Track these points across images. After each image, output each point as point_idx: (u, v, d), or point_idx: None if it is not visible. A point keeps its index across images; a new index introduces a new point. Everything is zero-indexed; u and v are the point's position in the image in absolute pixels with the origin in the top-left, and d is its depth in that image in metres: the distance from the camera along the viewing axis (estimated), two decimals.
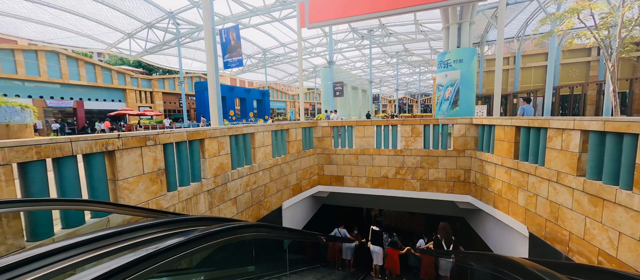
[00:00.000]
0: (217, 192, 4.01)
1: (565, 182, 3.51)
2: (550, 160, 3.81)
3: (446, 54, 8.74)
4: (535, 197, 4.14)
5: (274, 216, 5.67)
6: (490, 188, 5.37)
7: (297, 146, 6.46)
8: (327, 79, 18.03)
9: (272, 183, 5.54)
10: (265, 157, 5.29)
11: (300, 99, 9.19)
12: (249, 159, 4.89)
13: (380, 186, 6.83)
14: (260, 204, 5.17)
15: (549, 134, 3.81)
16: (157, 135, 2.91)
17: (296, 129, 6.37)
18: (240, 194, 4.60)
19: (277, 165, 5.67)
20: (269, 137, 5.39)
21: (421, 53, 33.14)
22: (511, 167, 4.70)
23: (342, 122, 6.96)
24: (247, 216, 4.82)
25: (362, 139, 6.84)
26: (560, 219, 3.64)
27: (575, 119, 3.33)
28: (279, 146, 5.86)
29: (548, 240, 3.89)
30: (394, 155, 6.59)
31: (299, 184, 6.63)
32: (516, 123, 4.51)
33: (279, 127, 5.71)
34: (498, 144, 5.07)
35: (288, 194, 6.18)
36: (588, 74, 18.56)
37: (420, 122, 6.31)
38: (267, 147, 5.35)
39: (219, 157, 4.03)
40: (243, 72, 36.77)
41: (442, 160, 6.23)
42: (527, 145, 4.40)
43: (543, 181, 3.96)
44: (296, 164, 6.45)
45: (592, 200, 3.13)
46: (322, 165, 7.33)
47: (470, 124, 5.92)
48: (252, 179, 4.90)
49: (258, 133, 5.05)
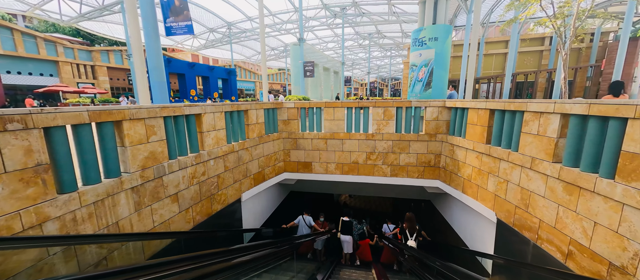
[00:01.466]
0: (147, 188, 3.17)
1: (540, 168, 3.33)
2: (524, 145, 3.61)
3: (421, 31, 8.36)
4: (506, 184, 4.00)
5: (231, 210, 4.97)
6: (460, 173, 5.23)
7: (258, 130, 5.68)
8: (298, 57, 16.95)
9: (227, 173, 4.77)
10: (217, 143, 4.47)
11: (263, 75, 8.24)
12: (195, 145, 4.04)
13: (351, 172, 6.43)
14: (212, 198, 4.41)
15: (526, 118, 3.58)
16: (29, 115, 1.98)
17: (257, 110, 5.56)
18: (184, 189, 3.79)
19: (233, 152, 4.88)
20: (221, 120, 4.54)
21: (393, 36, 33.07)
22: (482, 152, 4.52)
23: (310, 104, 6.29)
24: (196, 214, 4.06)
25: (331, 122, 6.28)
26: (531, 207, 3.51)
27: (557, 101, 3.08)
28: (236, 130, 5.04)
29: (516, 227, 3.80)
30: (365, 139, 6.17)
31: (262, 172, 5.94)
32: (491, 106, 4.27)
33: (234, 108, 4.86)
34: (470, 128, 4.86)
35: (248, 184, 5.47)
36: (540, 62, 20.01)
37: (392, 104, 5.91)
38: (219, 131, 4.51)
39: (148, 145, 3.15)
40: (206, 48, 33.50)
41: (413, 144, 5.97)
42: (500, 129, 4.20)
43: (515, 167, 3.79)
44: (258, 150, 5.71)
45: (568, 188, 2.96)
46: (288, 150, 6.67)
47: (443, 107, 5.66)
48: (200, 169, 4.09)
49: (206, 114, 4.18)
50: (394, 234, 6.26)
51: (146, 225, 3.18)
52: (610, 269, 2.52)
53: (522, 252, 3.69)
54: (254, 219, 6.03)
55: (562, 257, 3.07)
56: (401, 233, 5.33)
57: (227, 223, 4.91)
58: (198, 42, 32.66)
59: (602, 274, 2.60)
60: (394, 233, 6.33)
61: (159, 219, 3.38)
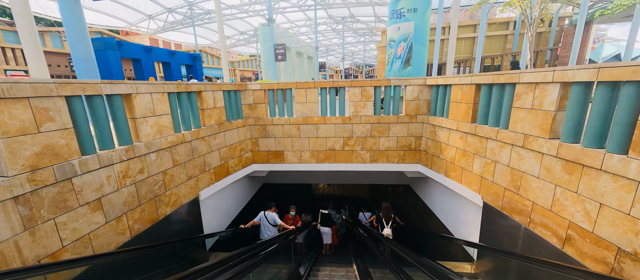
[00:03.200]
0: (45, 196, 2.27)
1: (534, 146, 2.99)
2: (516, 121, 3.26)
3: (399, 2, 7.76)
4: (494, 165, 3.68)
5: (186, 213, 4.15)
6: (443, 156, 4.90)
7: (217, 116, 4.82)
8: (268, 40, 15.73)
9: (178, 169, 3.92)
10: (160, 132, 3.57)
11: (222, 55, 7.21)
12: (125, 136, 3.13)
13: (327, 160, 5.86)
14: (157, 201, 3.56)
15: (518, 91, 3.21)
16: None
17: (214, 92, 4.68)
18: (112, 192, 2.91)
19: (184, 142, 4.01)
20: (164, 103, 3.63)
21: (366, 20, 32.56)
22: (467, 132, 4.17)
23: (279, 84, 5.52)
24: (134, 221, 3.21)
25: (304, 106, 5.59)
26: (523, 188, 3.21)
27: (556, 69, 2.70)
28: (186, 116, 4.15)
29: (505, 211, 3.51)
30: (342, 123, 5.59)
31: (225, 165, 5.13)
32: (477, 80, 3.87)
33: (181, 88, 3.95)
34: (454, 106, 4.48)
35: (208, 179, 4.65)
36: (505, 46, 20.85)
37: (370, 84, 5.35)
38: (162, 117, 3.61)
39: (40, 136, 2.23)
40: (165, 31, 30.26)
41: (393, 127, 5.52)
42: (487, 106, 3.84)
43: (505, 146, 3.46)
44: (218, 140, 4.86)
45: (567, 167, 2.64)
46: (256, 139, 5.89)
47: (424, 86, 5.24)
48: (136, 166, 3.21)
49: (140, 96, 3.25)
50: (370, 222, 6.44)
51: (48, 246, 2.31)
52: (619, 255, 2.23)
53: (512, 237, 3.42)
54: (219, 219, 5.26)
55: (558, 242, 2.79)
56: (377, 221, 5.50)
57: (183, 229, 4.10)
58: (155, 23, 29.31)
59: (608, 261, 2.32)
60: (370, 221, 6.50)
61: (72, 235, 2.51)
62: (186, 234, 4.18)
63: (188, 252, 4.15)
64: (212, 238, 4.77)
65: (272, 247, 3.74)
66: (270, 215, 5.22)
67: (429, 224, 6.53)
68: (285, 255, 5.16)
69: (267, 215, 5.23)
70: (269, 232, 5.20)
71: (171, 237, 3.83)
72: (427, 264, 3.02)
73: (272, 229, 5.23)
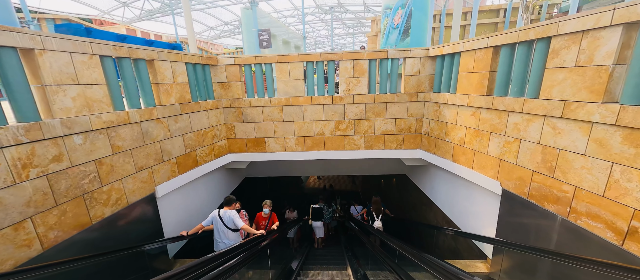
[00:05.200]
0: None
1: (579, 114, 2.32)
2: (551, 86, 2.58)
3: None
4: (518, 143, 3.01)
5: (138, 213, 3.27)
6: (449, 138, 4.22)
7: (180, 94, 3.92)
8: (251, 25, 14.62)
9: (120, 157, 3.02)
10: (88, 108, 2.67)
11: (188, 37, 6.21)
12: (26, 108, 2.22)
13: (315, 148, 5.08)
14: (88, 199, 2.67)
15: (554, 46, 2.52)
16: None
17: (173, 63, 3.76)
18: (1, 188, 2.02)
19: (129, 124, 3.11)
20: (95, 69, 2.72)
21: (355, 10, 31.69)
22: (482, 107, 3.49)
23: (257, 58, 4.65)
24: (48, 228, 2.32)
25: (287, 84, 4.76)
26: (560, 170, 2.55)
27: (617, 6, 2.01)
28: (132, 90, 3.24)
29: (534, 199, 2.86)
30: (332, 104, 4.81)
31: (192, 155, 4.25)
32: (496, 41, 3.17)
33: (123, 53, 3.02)
34: (464, 78, 3.78)
35: (167, 171, 3.77)
36: None
37: (364, 56, 4.58)
38: (92, 87, 2.70)
39: None
40: (141, 20, 28.24)
41: (391, 107, 4.79)
42: (508, 73, 3.15)
43: (534, 119, 2.78)
44: (181, 123, 3.97)
45: (632, 137, 1.97)
46: (231, 124, 5.02)
47: (426, 58, 4.51)
48: (48, 152, 2.31)
49: (50, 54, 2.33)
50: (361, 216, 6.44)
51: None
52: None
53: (542, 231, 2.77)
54: (188, 220, 4.38)
55: (615, 236, 2.14)
56: (368, 215, 5.43)
57: (133, 234, 3.23)
58: (131, 12, 27.30)
59: None
60: (361, 214, 6.51)
61: None
62: (138, 240, 3.31)
63: (139, 263, 3.27)
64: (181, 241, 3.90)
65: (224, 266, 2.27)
66: (228, 215, 3.65)
67: (428, 217, 5.91)
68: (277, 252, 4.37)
69: (223, 216, 3.65)
70: (226, 240, 3.65)
71: (115, 247, 2.95)
72: (430, 261, 2.36)
73: (232, 236, 3.69)
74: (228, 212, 3.68)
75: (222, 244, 3.63)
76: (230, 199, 3.81)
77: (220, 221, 3.63)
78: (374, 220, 5.21)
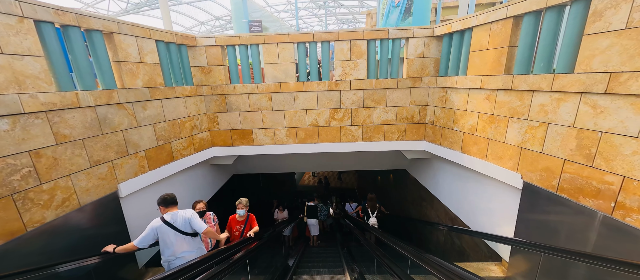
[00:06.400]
0: None
1: (631, 88, 1.88)
2: (591, 56, 2.13)
3: None
4: (544, 128, 2.57)
5: (95, 217, 2.72)
6: (458, 126, 3.78)
7: (149, 76, 3.35)
8: (241, 15, 13.95)
9: (67, 148, 2.46)
10: (18, 85, 2.10)
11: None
12: None
13: (308, 140, 4.58)
14: (20, 200, 2.12)
15: (596, 7, 2.07)
16: None
17: (139, 39, 3.20)
18: None
19: (79, 108, 2.55)
20: (27, 36, 2.15)
21: (349, 5, 31.16)
22: (498, 88, 3.04)
23: (241, 38, 4.10)
24: None
25: (275, 68, 4.23)
26: (603, 158, 2.11)
27: None
28: (84, 67, 2.67)
29: (566, 193, 2.42)
30: (327, 90, 4.31)
31: (166, 148, 3.69)
32: (518, 10, 2.71)
33: (68, 20, 2.45)
34: (477, 57, 3.33)
35: (135, 167, 3.21)
36: None
37: (363, 36, 4.08)
38: (23, 59, 2.13)
39: None
40: (128, 13, 27.08)
41: (392, 94, 4.32)
42: (532, 45, 2.71)
43: (568, 98, 2.34)
44: (151, 111, 3.41)
45: None
46: (214, 114, 4.47)
47: (431, 38, 4.05)
48: None
49: None
50: (356, 213, 6.37)
51: None
52: None
53: (577, 230, 2.34)
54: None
55: None
56: (363, 211, 5.41)
57: (88, 242, 2.67)
58: (116, 5, 26.14)
59: None
60: (356, 211, 6.45)
61: None
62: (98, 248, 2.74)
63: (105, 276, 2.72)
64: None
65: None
66: (181, 217, 2.52)
67: (430, 215, 5.50)
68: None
69: (173, 220, 2.49)
70: (183, 253, 2.54)
71: (64, 258, 2.39)
72: (434, 263, 1.91)
73: (192, 245, 2.60)
74: (180, 213, 2.53)
75: (178, 260, 2.51)
76: (173, 197, 2.61)
77: (170, 229, 2.44)
78: (369, 217, 5.18)
